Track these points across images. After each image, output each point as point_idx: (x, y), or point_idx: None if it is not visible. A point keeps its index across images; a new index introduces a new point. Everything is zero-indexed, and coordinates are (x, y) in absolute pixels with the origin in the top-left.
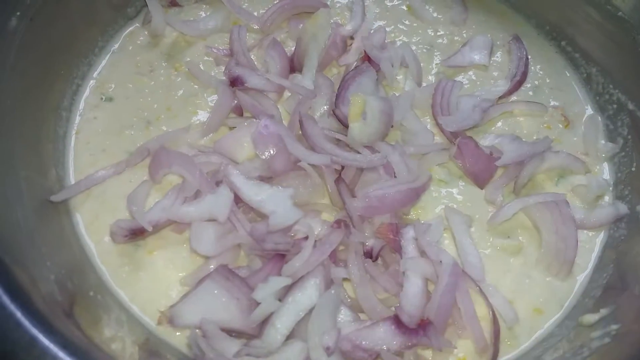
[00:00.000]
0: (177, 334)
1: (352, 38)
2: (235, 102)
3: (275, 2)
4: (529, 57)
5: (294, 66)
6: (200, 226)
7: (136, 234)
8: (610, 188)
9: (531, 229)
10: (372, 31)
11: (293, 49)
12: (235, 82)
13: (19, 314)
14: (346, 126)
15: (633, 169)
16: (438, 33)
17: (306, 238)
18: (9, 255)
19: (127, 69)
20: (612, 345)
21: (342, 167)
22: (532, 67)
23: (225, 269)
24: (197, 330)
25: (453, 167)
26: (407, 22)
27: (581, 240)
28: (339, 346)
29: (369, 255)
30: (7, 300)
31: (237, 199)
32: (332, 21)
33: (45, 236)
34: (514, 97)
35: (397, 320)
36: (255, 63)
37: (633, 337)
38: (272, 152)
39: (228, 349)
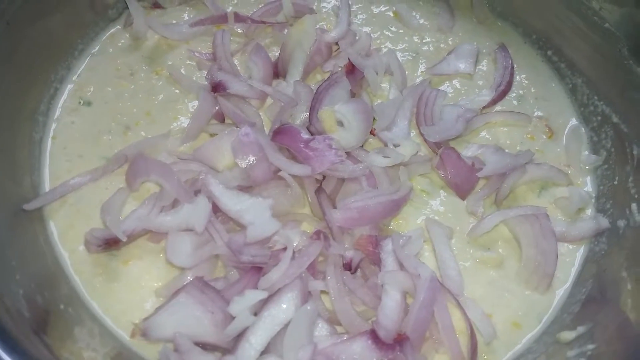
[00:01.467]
0: (151, 347)
1: (337, 44)
2: (217, 108)
3: (261, 6)
4: (515, 65)
5: (277, 72)
6: (177, 237)
7: (110, 244)
8: (593, 201)
9: (512, 241)
10: (357, 37)
11: (277, 54)
12: (217, 88)
13: None
14: None
15: (615, 182)
16: (424, 40)
17: (284, 249)
18: None
19: (107, 73)
20: None
21: (324, 177)
22: (518, 76)
23: (200, 282)
24: (169, 345)
25: (435, 177)
26: (393, 29)
27: (562, 254)
28: None
29: (348, 267)
30: None
31: (216, 209)
32: (317, 27)
33: (16, 247)
34: (498, 107)
35: (373, 335)
36: (239, 68)
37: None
38: (252, 160)
39: None
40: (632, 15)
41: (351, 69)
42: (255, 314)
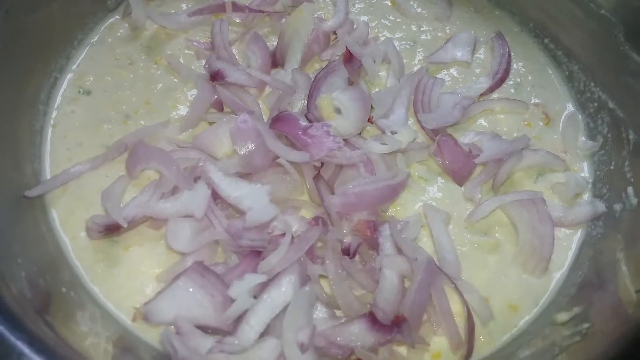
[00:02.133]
0: (152, 330)
1: (334, 33)
2: (216, 96)
3: None
4: (512, 54)
5: (276, 61)
6: (177, 223)
7: (111, 230)
8: (589, 186)
9: (508, 226)
10: (355, 26)
11: (275, 43)
12: (215, 77)
13: None
14: None
15: (612, 167)
16: (422, 29)
17: (283, 235)
18: None
19: (106, 62)
20: (582, 344)
21: (322, 164)
22: (515, 64)
23: (200, 266)
24: (171, 327)
25: (432, 164)
26: (391, 18)
27: (558, 238)
28: (313, 342)
29: (347, 252)
30: None
31: (215, 195)
32: (315, 16)
33: (18, 233)
34: (495, 94)
35: (371, 317)
36: (237, 57)
37: (601, 337)
38: (250, 147)
39: (202, 345)
40: (628, 1)
41: (349, 58)
42: (255, 298)
